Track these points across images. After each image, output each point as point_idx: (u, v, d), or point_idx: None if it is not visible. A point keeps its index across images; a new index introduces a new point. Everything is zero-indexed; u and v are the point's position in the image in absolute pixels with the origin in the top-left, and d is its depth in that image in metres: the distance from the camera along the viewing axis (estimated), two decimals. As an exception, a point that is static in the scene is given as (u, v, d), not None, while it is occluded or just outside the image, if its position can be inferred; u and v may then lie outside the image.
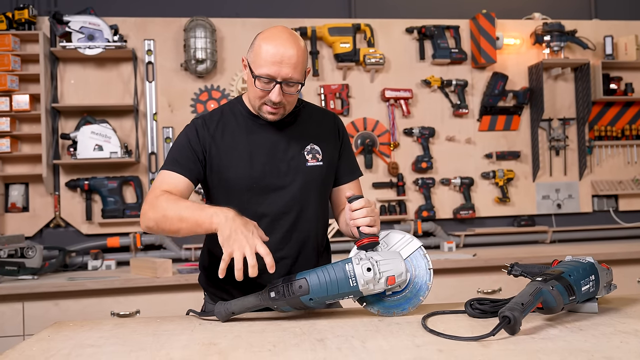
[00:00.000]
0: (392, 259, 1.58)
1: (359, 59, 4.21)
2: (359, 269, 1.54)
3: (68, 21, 3.78)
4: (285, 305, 1.58)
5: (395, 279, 1.56)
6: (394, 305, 1.64)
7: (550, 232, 4.39)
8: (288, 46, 1.75)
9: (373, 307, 1.65)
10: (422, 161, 4.26)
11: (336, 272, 1.55)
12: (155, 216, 1.76)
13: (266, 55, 1.75)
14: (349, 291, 1.56)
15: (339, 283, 1.55)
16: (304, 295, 1.55)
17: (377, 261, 1.56)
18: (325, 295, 1.56)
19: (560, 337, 1.35)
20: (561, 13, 4.61)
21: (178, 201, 1.74)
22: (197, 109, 4.07)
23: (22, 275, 3.40)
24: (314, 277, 1.56)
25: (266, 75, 1.75)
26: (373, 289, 1.56)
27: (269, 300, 1.58)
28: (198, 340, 1.44)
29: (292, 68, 1.75)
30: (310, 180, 1.91)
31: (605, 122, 4.58)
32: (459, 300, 1.69)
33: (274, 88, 1.77)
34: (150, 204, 1.79)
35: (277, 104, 1.80)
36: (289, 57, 1.74)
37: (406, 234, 1.69)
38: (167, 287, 3.32)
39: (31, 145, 3.93)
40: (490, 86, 4.39)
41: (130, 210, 3.91)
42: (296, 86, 1.80)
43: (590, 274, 1.56)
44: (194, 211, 1.68)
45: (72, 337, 1.51)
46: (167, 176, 1.85)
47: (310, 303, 1.57)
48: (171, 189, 1.82)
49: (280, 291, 1.57)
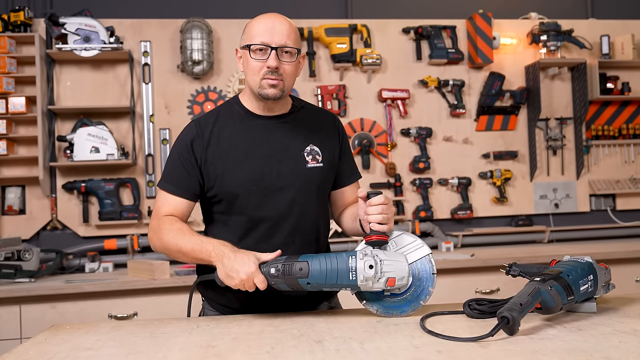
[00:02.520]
0: (396, 260, 1.58)
1: (355, 60, 4.20)
2: (362, 264, 1.55)
3: (64, 23, 3.77)
4: (283, 283, 1.60)
5: (396, 282, 1.56)
6: (394, 307, 1.64)
7: (548, 231, 4.39)
8: (278, 20, 1.82)
9: (372, 305, 1.65)
10: (419, 161, 4.26)
11: (338, 263, 1.57)
12: (159, 245, 1.83)
13: (258, 28, 1.80)
14: (347, 284, 1.57)
15: (339, 273, 1.56)
16: (303, 278, 1.57)
17: (381, 260, 1.56)
18: (323, 282, 1.57)
19: (558, 337, 1.34)
20: (558, 13, 4.61)
21: (178, 233, 1.76)
22: (193, 111, 4.06)
23: (19, 278, 3.39)
24: (315, 262, 1.57)
25: (260, 43, 1.78)
26: (371, 287, 1.56)
27: (268, 275, 1.60)
28: (196, 342, 1.44)
29: (285, 36, 1.79)
30: (310, 182, 1.89)
31: (602, 122, 4.58)
32: (458, 301, 1.69)
33: (270, 54, 1.78)
34: (154, 231, 1.84)
35: (276, 72, 1.78)
36: (280, 27, 1.79)
37: (418, 239, 1.68)
38: (164, 289, 3.31)
39: (27, 147, 3.91)
40: (487, 86, 4.39)
41: (127, 212, 3.90)
42: (292, 54, 1.81)
43: (588, 274, 1.56)
44: (193, 246, 1.72)
45: (69, 340, 1.51)
46: (166, 199, 1.87)
47: (307, 287, 1.59)
48: (172, 211, 1.85)
49: (280, 269, 1.59)
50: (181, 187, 1.85)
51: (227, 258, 1.62)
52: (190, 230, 1.77)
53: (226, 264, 1.62)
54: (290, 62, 1.81)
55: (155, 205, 1.89)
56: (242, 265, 1.60)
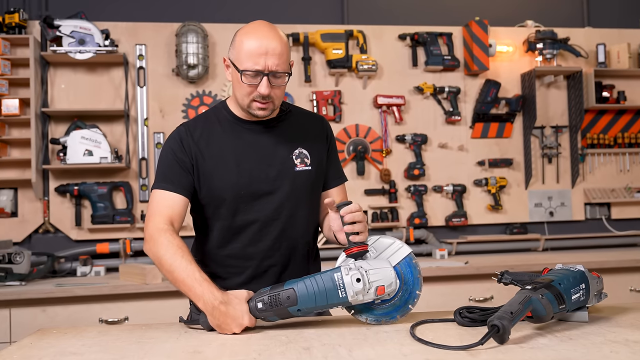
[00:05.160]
0: (381, 267, 1.56)
1: (351, 65, 4.20)
2: (349, 279, 1.52)
3: (59, 25, 3.76)
4: (273, 316, 1.56)
5: (385, 289, 1.54)
6: (383, 314, 1.62)
7: (543, 240, 4.38)
8: (270, 38, 1.74)
9: (362, 315, 1.63)
10: (414, 168, 4.25)
11: (325, 282, 1.53)
12: (153, 256, 1.74)
13: (249, 49, 1.73)
14: (338, 302, 1.54)
15: (328, 293, 1.53)
16: (292, 306, 1.53)
17: (366, 271, 1.54)
18: (313, 306, 1.54)
19: (549, 347, 1.33)
20: (554, 21, 4.61)
21: (176, 255, 1.67)
22: (188, 115, 4.05)
23: (9, 281, 3.37)
24: (302, 286, 1.53)
25: (252, 69, 1.73)
26: (362, 299, 1.54)
27: (255, 311, 1.56)
28: (182, 348, 1.42)
29: (277, 58, 1.73)
30: (299, 186, 1.87)
31: (598, 130, 4.58)
32: (451, 308, 1.67)
33: (262, 80, 1.74)
34: (151, 237, 1.74)
35: (266, 98, 1.76)
36: (273, 48, 1.73)
37: (396, 240, 1.66)
38: (156, 293, 3.29)
39: (20, 150, 3.89)
40: (482, 93, 4.39)
41: (120, 216, 3.88)
42: (283, 77, 1.78)
43: (580, 283, 1.55)
44: (184, 280, 1.63)
45: (54, 345, 1.49)
46: (162, 197, 1.81)
47: (298, 313, 1.56)
48: (170, 212, 1.78)
49: (267, 302, 1.55)
50: (178, 184, 1.81)
51: (219, 312, 1.55)
52: (188, 254, 1.69)
53: (218, 317, 1.55)
54: (281, 85, 1.79)
55: (150, 207, 1.82)
56: (234, 319, 1.55)
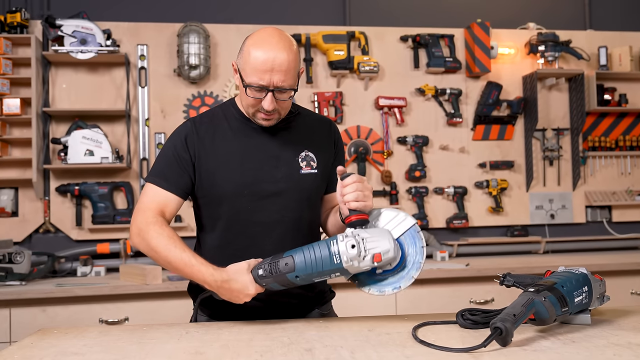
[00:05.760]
0: (379, 236, 1.55)
1: (353, 67, 4.19)
2: (343, 246, 1.53)
3: (60, 25, 3.76)
4: (273, 282, 1.60)
5: (382, 256, 1.53)
6: (386, 284, 1.61)
7: (544, 242, 4.38)
8: (278, 51, 1.69)
9: (365, 286, 1.63)
10: (415, 170, 4.25)
11: (321, 249, 1.56)
12: (144, 246, 1.74)
13: (256, 63, 1.69)
14: (333, 268, 1.55)
15: (324, 260, 1.55)
16: (290, 272, 1.57)
17: (363, 239, 1.54)
18: (310, 273, 1.56)
19: (552, 349, 1.33)
20: (556, 23, 4.61)
21: (169, 243, 1.69)
22: (189, 115, 4.04)
23: (9, 281, 3.36)
24: (299, 254, 1.57)
25: (257, 84, 1.70)
26: (358, 266, 1.54)
27: (257, 278, 1.60)
28: (184, 349, 1.42)
29: (283, 74, 1.70)
30: (304, 189, 1.86)
31: (599, 133, 4.58)
32: (452, 310, 1.66)
33: (266, 96, 1.72)
34: (140, 229, 1.74)
35: (271, 112, 1.75)
36: (279, 63, 1.68)
37: (400, 212, 1.64)
38: (156, 294, 3.28)
39: (21, 149, 3.89)
40: (484, 95, 4.38)
41: (120, 216, 3.87)
42: (289, 92, 1.75)
43: (583, 285, 1.54)
44: (183, 269, 1.67)
45: (55, 345, 1.48)
46: (155, 193, 1.80)
47: (296, 280, 1.58)
48: (161, 207, 1.78)
49: (267, 269, 1.59)
50: (172, 183, 1.80)
51: (224, 290, 1.62)
52: (180, 242, 1.70)
53: (225, 294, 1.63)
54: (287, 99, 1.76)
55: (141, 199, 1.81)
56: (240, 291, 1.61)
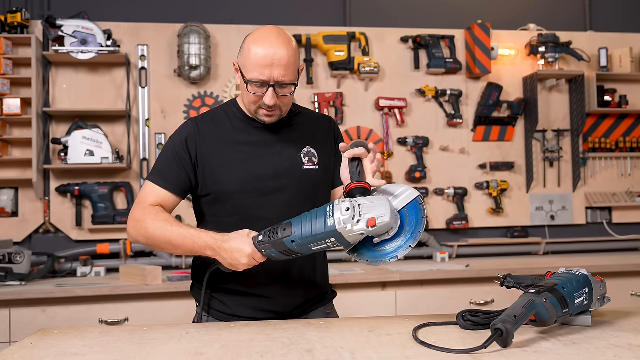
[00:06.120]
0: (376, 202, 1.54)
1: (353, 68, 4.19)
2: (338, 208, 1.53)
3: (61, 25, 3.76)
4: (271, 249, 1.60)
5: (376, 220, 1.51)
6: (384, 255, 1.59)
7: (544, 243, 4.38)
8: (278, 47, 1.73)
9: (362, 256, 1.61)
10: (415, 171, 4.25)
11: (318, 213, 1.56)
12: (142, 235, 1.78)
13: (256, 59, 1.72)
14: (327, 232, 1.53)
15: (318, 224, 1.55)
16: (287, 237, 1.57)
17: (359, 204, 1.53)
18: (306, 237, 1.55)
19: (553, 351, 1.32)
20: (556, 24, 4.61)
21: (165, 225, 1.73)
22: (190, 116, 4.04)
23: (9, 281, 3.36)
24: (297, 221, 1.58)
25: (258, 80, 1.73)
26: (352, 230, 1.52)
27: (257, 243, 1.61)
28: (184, 350, 1.41)
29: (283, 69, 1.73)
30: (306, 184, 1.88)
31: (600, 134, 4.58)
32: (452, 312, 1.66)
33: (267, 91, 1.74)
34: (137, 220, 1.79)
35: (272, 107, 1.78)
36: (279, 58, 1.72)
37: (404, 186, 1.64)
38: (156, 294, 3.28)
39: (21, 149, 3.89)
40: (484, 96, 4.38)
41: (120, 216, 3.87)
42: (290, 87, 1.78)
43: (584, 287, 1.54)
44: (184, 242, 1.71)
45: (55, 345, 1.48)
46: (154, 190, 1.84)
47: (293, 245, 1.58)
48: (158, 203, 1.82)
49: (266, 234, 1.61)
50: (171, 182, 1.83)
51: (224, 250, 1.64)
52: (176, 222, 1.76)
53: (225, 256, 1.64)
54: (288, 94, 1.79)
55: (140, 195, 1.85)
56: (239, 251, 1.61)
